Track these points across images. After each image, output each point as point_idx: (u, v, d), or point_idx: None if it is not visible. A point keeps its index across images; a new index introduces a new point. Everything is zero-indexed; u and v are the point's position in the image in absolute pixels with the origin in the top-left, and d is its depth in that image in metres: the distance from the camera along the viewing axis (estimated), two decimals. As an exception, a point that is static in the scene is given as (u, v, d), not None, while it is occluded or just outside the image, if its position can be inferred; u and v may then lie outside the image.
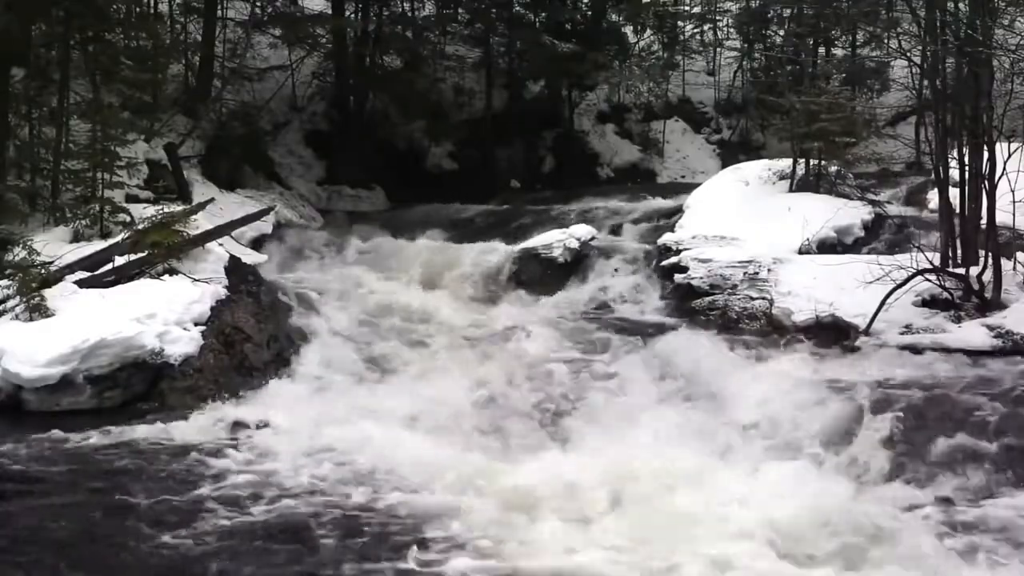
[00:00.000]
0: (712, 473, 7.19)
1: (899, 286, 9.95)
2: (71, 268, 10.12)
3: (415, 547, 6.03)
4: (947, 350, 9.32)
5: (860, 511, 6.47)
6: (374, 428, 8.09)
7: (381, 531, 6.28)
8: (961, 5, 11.07)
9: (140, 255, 10.34)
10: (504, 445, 7.92)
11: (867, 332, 9.84)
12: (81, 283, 9.92)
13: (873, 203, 13.35)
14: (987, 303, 9.88)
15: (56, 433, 7.88)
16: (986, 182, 10.16)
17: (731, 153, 21.18)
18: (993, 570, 5.81)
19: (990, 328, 9.49)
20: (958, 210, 10.65)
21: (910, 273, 9.99)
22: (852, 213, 12.85)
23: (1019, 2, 12.10)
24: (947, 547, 6.02)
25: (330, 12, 19.91)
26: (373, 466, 7.32)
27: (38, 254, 9.96)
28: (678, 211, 14.16)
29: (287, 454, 7.55)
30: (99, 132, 11.95)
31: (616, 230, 14.57)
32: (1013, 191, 9.97)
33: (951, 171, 10.76)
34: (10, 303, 9.34)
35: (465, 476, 7.09)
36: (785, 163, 14.41)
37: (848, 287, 10.23)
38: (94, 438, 7.92)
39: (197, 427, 8.25)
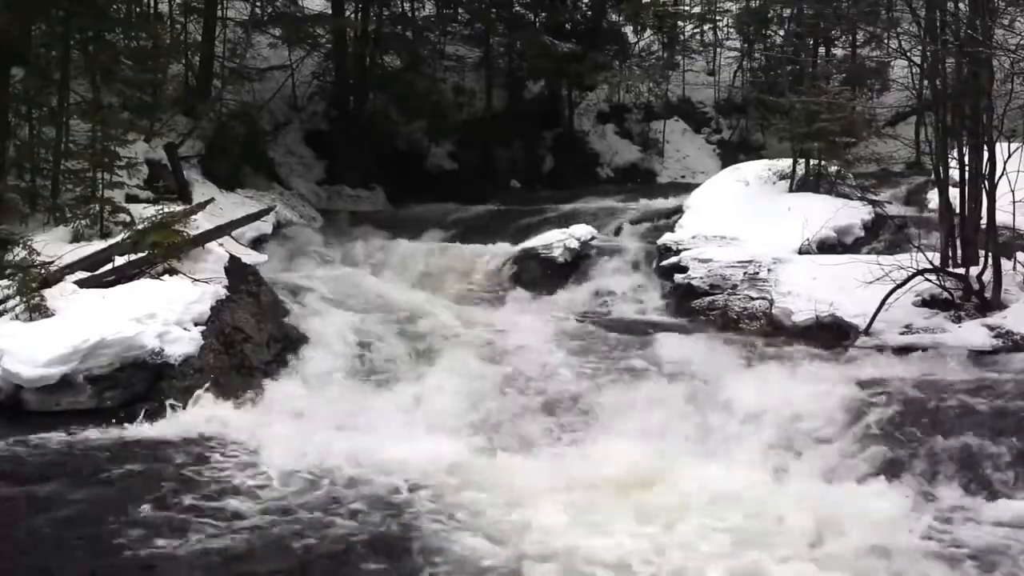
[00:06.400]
0: (710, 472, 7.19)
1: (899, 286, 9.94)
2: (71, 268, 10.11)
3: (410, 552, 6.02)
4: (947, 350, 9.32)
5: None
6: (374, 429, 8.10)
7: (378, 534, 6.27)
8: (961, 5, 11.06)
9: (140, 255, 10.34)
10: (504, 446, 7.90)
11: (867, 332, 9.84)
12: (81, 283, 9.91)
13: (873, 203, 13.36)
14: (987, 303, 9.88)
15: (56, 433, 7.88)
16: (986, 182, 10.16)
17: (731, 153, 21.19)
18: (995, 571, 5.80)
19: (990, 328, 9.48)
20: (958, 210, 10.65)
21: (910, 273, 9.99)
22: (852, 213, 12.86)
23: (1019, 2, 12.10)
24: (947, 547, 6.01)
25: (330, 12, 19.90)
26: (372, 467, 7.31)
27: (38, 254, 9.95)
28: (678, 211, 14.16)
29: (286, 455, 7.53)
30: (99, 132, 11.94)
31: (616, 230, 14.58)
32: (1013, 191, 9.97)
33: (951, 171, 10.76)
34: (10, 303, 9.33)
35: (464, 477, 7.08)
36: (785, 163, 14.41)
37: (848, 287, 10.23)
38: (94, 438, 7.91)
39: (196, 428, 8.24)
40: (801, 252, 11.94)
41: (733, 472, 7.20)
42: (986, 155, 10.15)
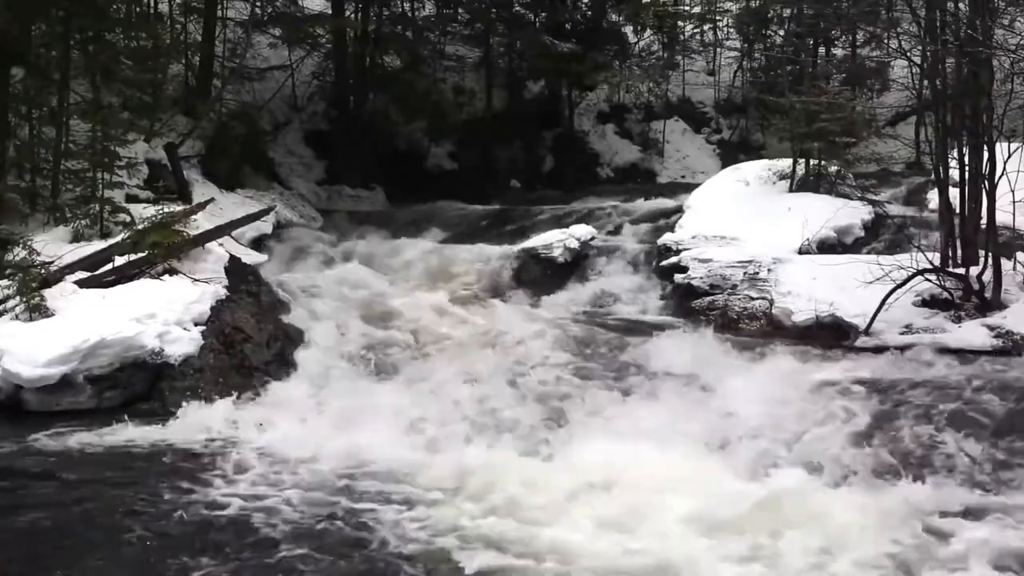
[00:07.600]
0: (710, 473, 7.19)
1: (899, 286, 9.94)
2: (71, 268, 10.12)
3: (409, 552, 6.02)
4: (947, 350, 9.31)
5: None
6: (373, 430, 8.09)
7: (376, 536, 6.27)
8: (961, 5, 11.06)
9: (140, 255, 10.35)
10: (504, 446, 7.90)
11: (867, 332, 9.84)
12: (81, 283, 9.92)
13: (873, 203, 13.35)
14: (987, 303, 9.88)
15: (56, 433, 7.89)
16: (986, 182, 10.16)
17: (731, 153, 21.19)
18: (995, 570, 5.79)
19: (990, 328, 9.49)
20: (958, 210, 10.65)
21: (910, 273, 9.99)
22: (852, 213, 12.86)
23: (1019, 2, 12.10)
24: (947, 547, 6.01)
25: (330, 12, 19.90)
26: (372, 468, 7.32)
27: (38, 254, 9.97)
28: (678, 211, 14.16)
29: (285, 455, 7.54)
30: (99, 132, 11.95)
31: (616, 230, 14.57)
32: (1013, 191, 9.98)
33: (951, 171, 10.76)
34: (10, 303, 9.34)
35: (463, 478, 7.08)
36: (785, 163, 14.42)
37: (848, 287, 10.23)
38: (93, 438, 7.92)
39: (196, 428, 8.25)
40: (801, 252, 11.94)
41: (730, 472, 7.21)
42: (986, 155, 10.15)
